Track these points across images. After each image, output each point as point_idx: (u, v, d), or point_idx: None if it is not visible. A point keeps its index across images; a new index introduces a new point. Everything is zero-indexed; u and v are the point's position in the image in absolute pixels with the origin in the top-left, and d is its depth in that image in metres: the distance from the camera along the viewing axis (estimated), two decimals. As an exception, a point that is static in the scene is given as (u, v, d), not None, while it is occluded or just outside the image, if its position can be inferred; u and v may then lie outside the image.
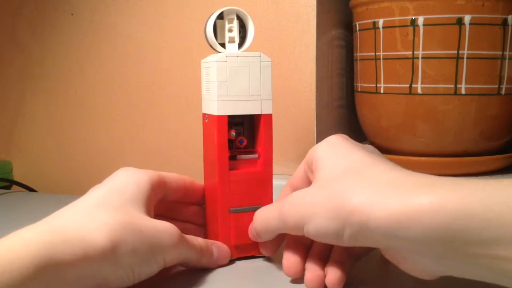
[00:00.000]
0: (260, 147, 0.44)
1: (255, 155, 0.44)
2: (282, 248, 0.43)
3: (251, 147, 0.45)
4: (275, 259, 0.44)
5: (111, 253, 0.34)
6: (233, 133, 0.43)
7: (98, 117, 0.75)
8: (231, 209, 0.43)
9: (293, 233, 0.38)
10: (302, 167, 0.42)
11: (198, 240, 0.41)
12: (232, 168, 0.43)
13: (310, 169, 0.40)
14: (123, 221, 0.36)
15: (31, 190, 0.76)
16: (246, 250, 0.44)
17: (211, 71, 0.43)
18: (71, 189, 0.76)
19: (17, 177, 0.80)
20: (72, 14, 0.74)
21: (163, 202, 0.44)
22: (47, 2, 0.75)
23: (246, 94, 0.43)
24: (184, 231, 0.40)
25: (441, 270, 0.32)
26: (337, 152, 0.38)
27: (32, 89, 0.78)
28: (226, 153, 0.43)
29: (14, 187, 0.78)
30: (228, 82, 0.42)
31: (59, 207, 0.37)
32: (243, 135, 0.45)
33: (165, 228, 0.38)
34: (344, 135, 0.40)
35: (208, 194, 0.46)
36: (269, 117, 0.44)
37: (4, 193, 0.73)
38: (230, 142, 0.44)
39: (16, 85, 0.79)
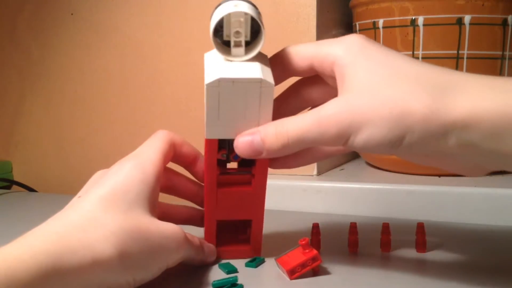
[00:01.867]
0: (254, 168, 0.40)
1: (249, 172, 0.41)
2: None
3: (246, 163, 0.41)
4: (264, 256, 0.44)
5: (117, 263, 0.34)
6: (224, 154, 0.40)
7: (98, 117, 0.75)
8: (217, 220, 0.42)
9: (329, 145, 0.36)
10: (306, 59, 0.37)
11: (195, 239, 0.41)
12: (221, 184, 0.41)
13: (322, 66, 0.36)
14: (129, 228, 0.35)
15: (31, 190, 0.76)
16: (232, 254, 0.44)
17: (205, 91, 0.36)
18: (71, 189, 0.76)
19: (17, 177, 0.80)
20: (72, 14, 0.74)
21: (163, 178, 0.43)
22: (47, 2, 0.75)
23: (240, 120, 0.37)
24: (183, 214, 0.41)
25: (495, 165, 0.32)
26: (371, 57, 0.34)
27: (32, 89, 0.78)
28: (214, 173, 0.40)
29: (14, 187, 0.78)
30: (220, 109, 0.36)
31: (59, 207, 0.37)
32: None
33: (171, 233, 0.37)
34: (363, 36, 0.36)
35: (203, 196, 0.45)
36: None
37: (4, 193, 0.73)
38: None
39: (16, 85, 0.79)
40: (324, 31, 0.65)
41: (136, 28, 0.71)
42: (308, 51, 0.37)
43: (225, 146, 0.39)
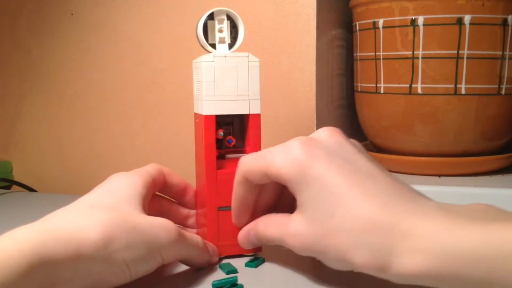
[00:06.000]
0: (248, 147, 0.45)
1: (244, 155, 0.44)
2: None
3: (240, 147, 0.45)
4: (264, 256, 0.44)
5: (104, 249, 0.33)
6: (221, 132, 0.44)
7: (98, 117, 0.75)
8: (219, 207, 0.44)
9: None
10: (261, 175, 0.39)
11: (197, 238, 0.41)
12: (220, 167, 0.44)
13: (278, 180, 0.38)
14: (116, 218, 0.36)
15: (31, 190, 0.76)
16: (233, 249, 0.44)
17: (199, 71, 0.44)
18: (71, 189, 0.76)
19: (17, 177, 0.79)
20: (72, 14, 0.74)
21: (155, 204, 0.45)
22: (47, 2, 0.75)
23: (234, 94, 0.43)
24: None
25: None
26: (311, 187, 0.36)
27: (32, 89, 0.78)
28: (214, 153, 0.43)
29: (14, 187, 0.78)
30: (216, 82, 0.43)
31: (59, 207, 0.37)
32: (232, 134, 0.45)
33: (161, 224, 0.38)
34: (305, 149, 0.37)
35: (198, 193, 0.47)
36: (257, 117, 0.44)
37: (4, 193, 0.73)
38: (219, 141, 0.44)
39: (15, 85, 0.79)
40: (324, 31, 0.65)
41: (136, 28, 0.71)
42: (260, 169, 0.39)
43: (222, 127, 0.44)
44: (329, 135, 0.39)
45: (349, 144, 0.38)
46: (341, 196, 0.35)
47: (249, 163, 0.40)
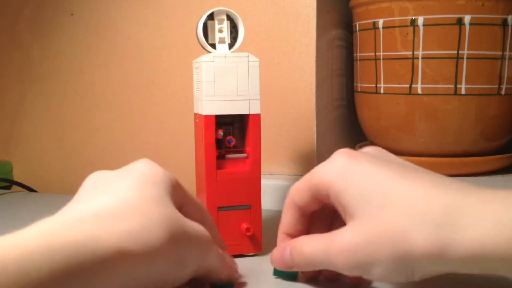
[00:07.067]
0: (248, 147, 0.45)
1: (244, 155, 0.45)
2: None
3: (240, 147, 0.45)
4: (263, 256, 0.44)
5: (170, 248, 0.31)
6: (221, 132, 0.44)
7: (98, 117, 0.75)
8: (219, 207, 0.44)
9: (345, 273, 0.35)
10: (305, 191, 0.37)
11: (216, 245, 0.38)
12: (220, 167, 0.44)
13: (320, 195, 0.36)
14: (170, 215, 0.33)
15: (31, 190, 0.76)
16: (233, 249, 0.44)
17: (199, 71, 0.44)
18: (71, 189, 0.75)
19: (17, 177, 0.80)
20: (72, 14, 0.74)
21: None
22: (47, 2, 0.75)
23: (233, 94, 0.43)
24: None
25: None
26: (357, 183, 0.34)
27: (32, 89, 0.78)
28: (214, 153, 0.43)
29: (14, 187, 0.78)
30: (216, 82, 0.43)
31: (59, 207, 0.37)
32: (232, 134, 0.45)
33: (201, 229, 0.35)
34: (347, 154, 0.36)
35: (198, 193, 0.47)
36: (257, 117, 0.44)
37: (4, 193, 0.73)
38: (219, 141, 0.44)
39: (16, 85, 0.79)
40: (324, 31, 0.65)
41: (136, 28, 0.71)
42: (305, 184, 0.37)
43: (222, 127, 0.44)
44: (372, 148, 0.39)
45: (392, 154, 0.38)
46: (393, 186, 0.33)
47: (296, 184, 0.38)
